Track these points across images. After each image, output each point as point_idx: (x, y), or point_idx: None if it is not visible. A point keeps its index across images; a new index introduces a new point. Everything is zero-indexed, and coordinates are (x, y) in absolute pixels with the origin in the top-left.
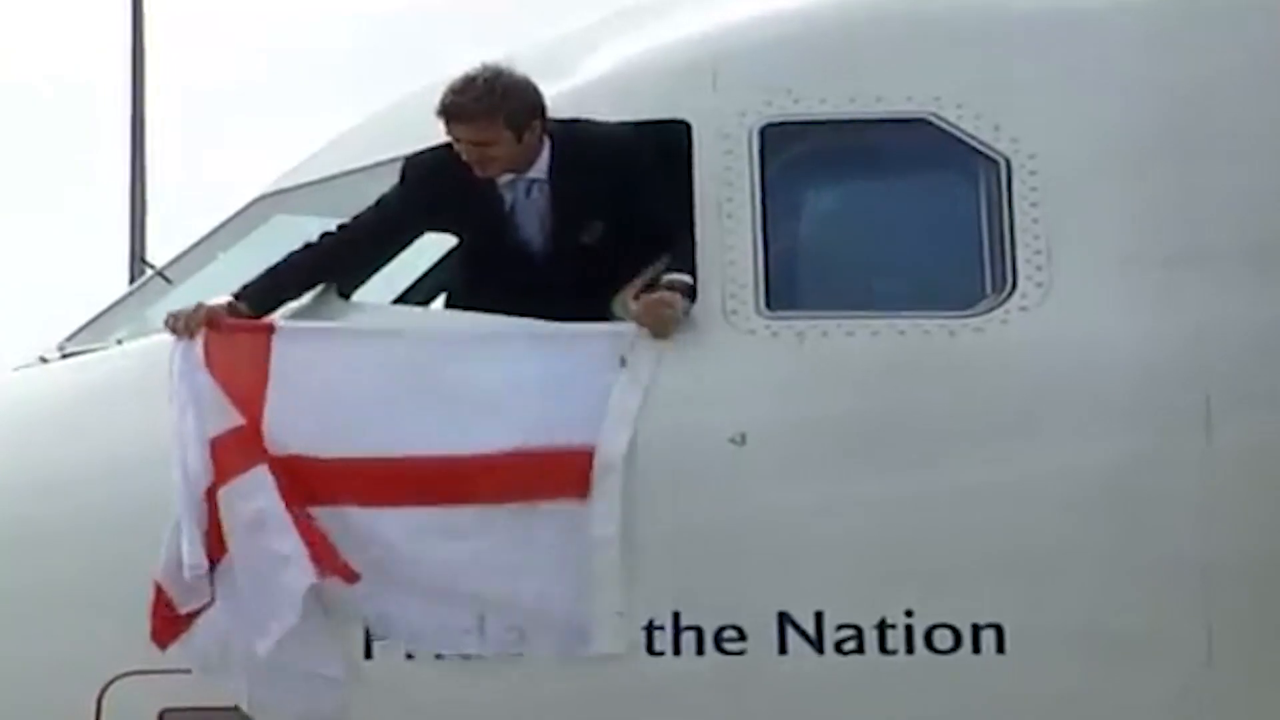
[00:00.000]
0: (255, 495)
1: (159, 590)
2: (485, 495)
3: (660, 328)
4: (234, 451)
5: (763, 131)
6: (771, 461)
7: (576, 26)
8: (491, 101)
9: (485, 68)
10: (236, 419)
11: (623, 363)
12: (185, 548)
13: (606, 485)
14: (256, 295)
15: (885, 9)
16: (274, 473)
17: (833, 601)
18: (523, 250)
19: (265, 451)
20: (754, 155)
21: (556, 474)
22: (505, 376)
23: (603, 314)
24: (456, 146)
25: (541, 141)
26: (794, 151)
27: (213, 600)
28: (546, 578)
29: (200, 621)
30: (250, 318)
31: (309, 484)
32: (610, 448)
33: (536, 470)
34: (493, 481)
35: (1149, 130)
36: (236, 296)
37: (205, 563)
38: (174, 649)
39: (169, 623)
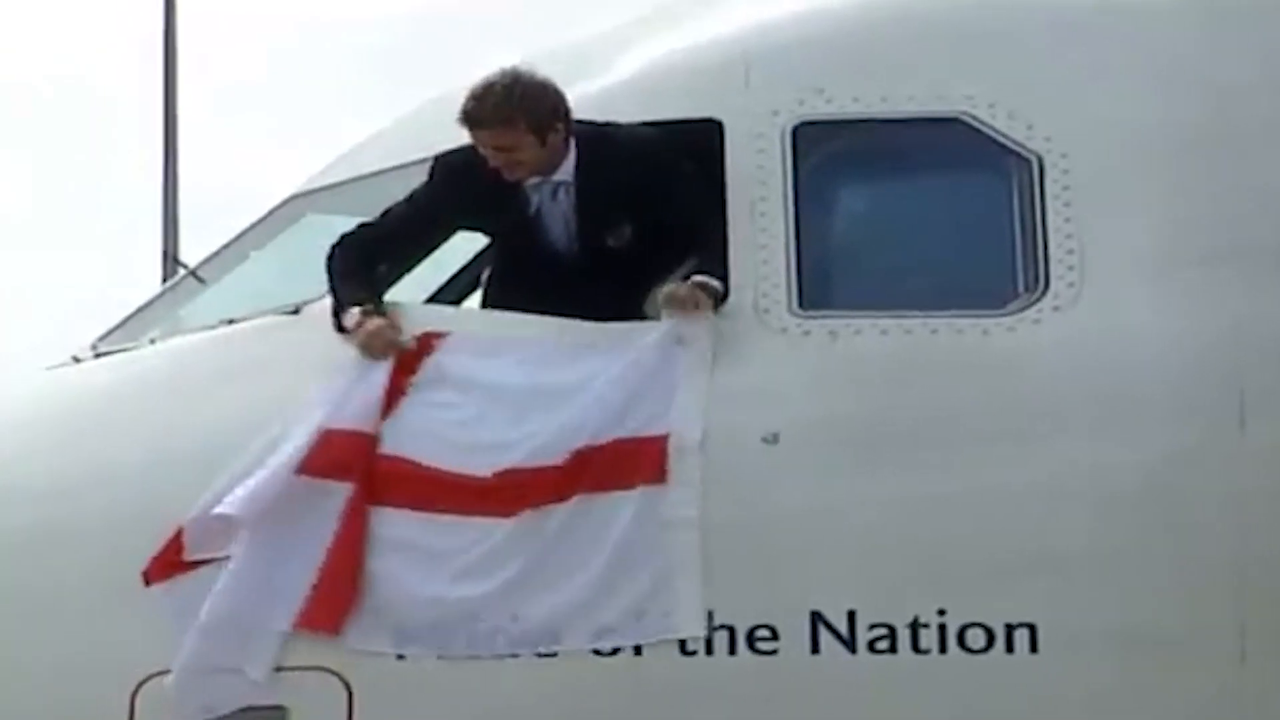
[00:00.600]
0: (318, 506)
1: (177, 533)
2: (561, 493)
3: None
4: (335, 453)
5: (795, 131)
6: (804, 460)
7: (607, 26)
8: (511, 107)
9: (504, 73)
10: (361, 425)
11: (679, 340)
12: (238, 492)
13: (684, 468)
14: (367, 291)
15: (917, 8)
16: (354, 495)
17: (865, 600)
18: (550, 253)
19: (361, 471)
20: (787, 154)
21: (632, 462)
22: (570, 375)
23: (631, 317)
24: (482, 151)
25: (567, 144)
26: (826, 151)
27: (223, 560)
28: (626, 566)
29: (199, 572)
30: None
31: (408, 489)
32: (685, 430)
33: (612, 461)
34: (569, 479)
35: (1183, 128)
36: (351, 304)
37: (243, 514)
38: (157, 589)
39: (167, 565)
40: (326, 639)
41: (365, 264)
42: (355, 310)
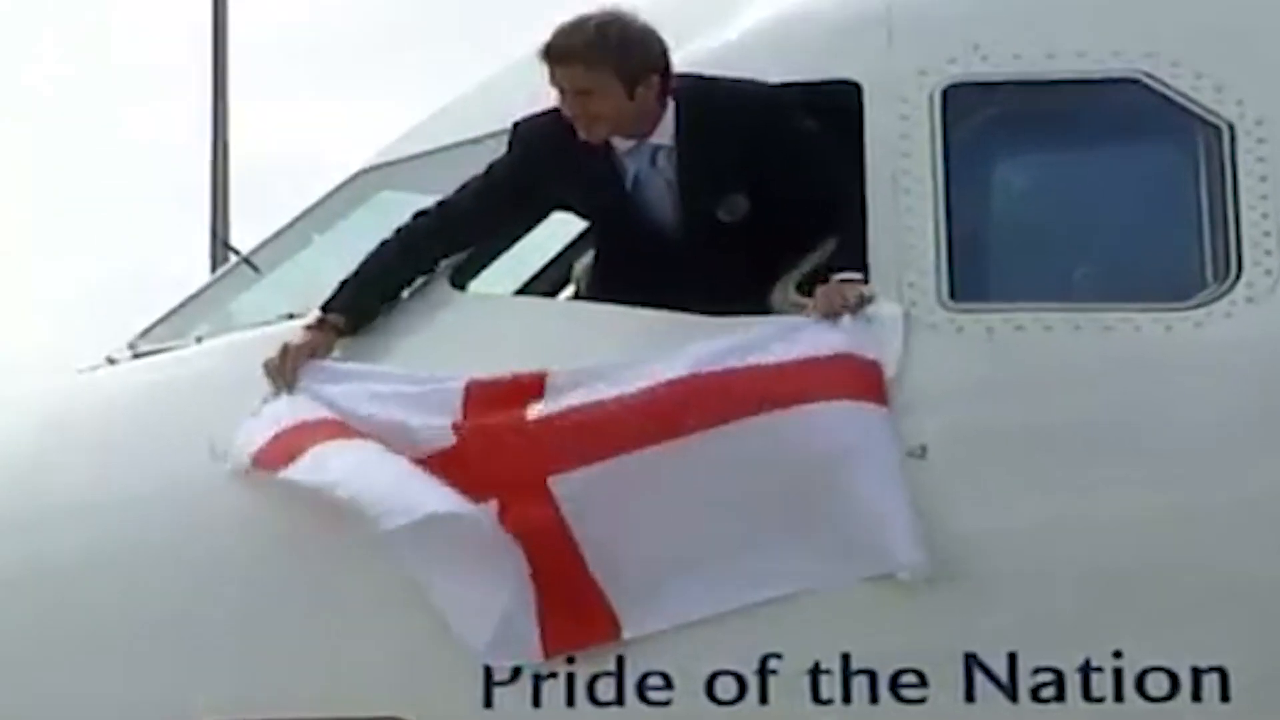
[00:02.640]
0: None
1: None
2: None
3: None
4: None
5: (945, 94)
6: (956, 478)
7: None
8: (602, 46)
9: (602, 11)
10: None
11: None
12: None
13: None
14: (349, 305)
15: None
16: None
17: (1029, 641)
18: (652, 230)
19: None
20: (935, 121)
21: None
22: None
23: (745, 307)
24: (559, 102)
25: (664, 103)
26: (982, 117)
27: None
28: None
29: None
30: (339, 332)
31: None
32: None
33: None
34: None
35: None
36: (325, 309)
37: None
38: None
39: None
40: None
41: (409, 259)
42: (313, 315)
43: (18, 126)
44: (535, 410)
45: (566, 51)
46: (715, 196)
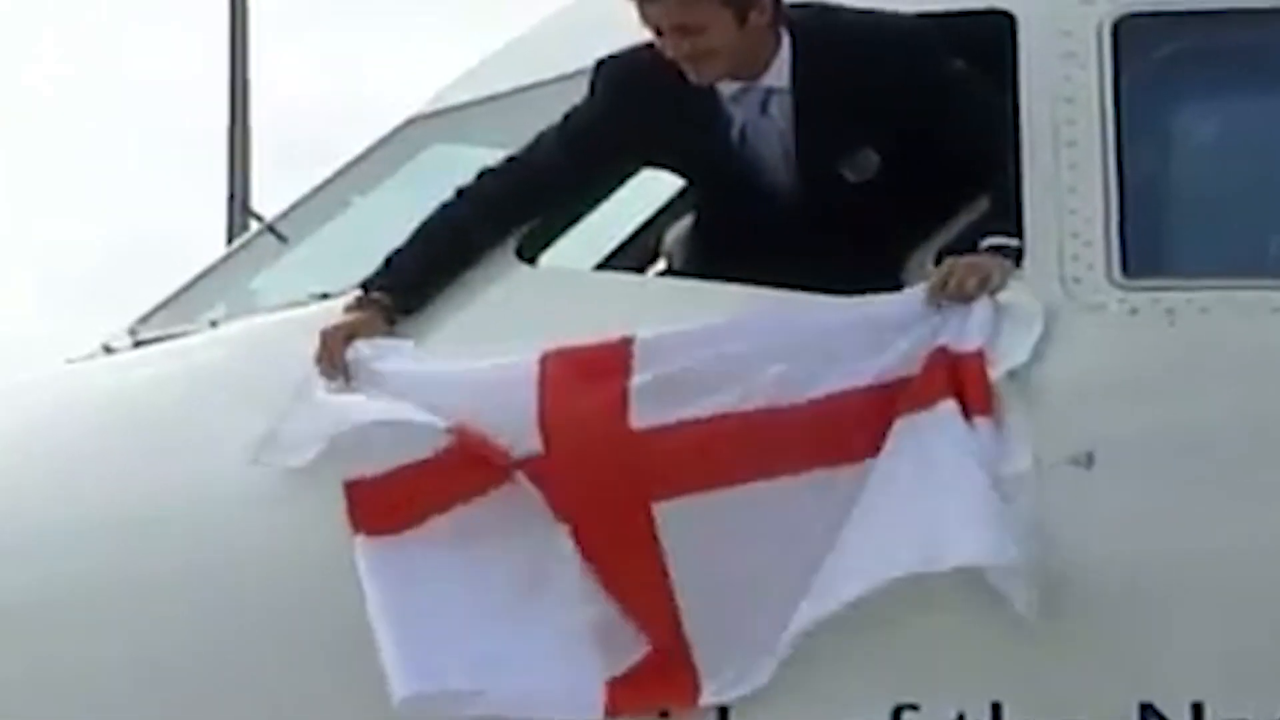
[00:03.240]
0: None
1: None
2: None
3: None
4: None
5: (1117, 26)
6: (1129, 491)
7: None
8: None
9: None
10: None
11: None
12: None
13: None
14: (400, 283)
15: None
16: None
17: (1217, 690)
18: (761, 190)
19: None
20: (1105, 60)
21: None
22: None
23: (876, 283)
24: (658, 43)
25: (777, 35)
26: (1162, 55)
27: None
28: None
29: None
30: (387, 314)
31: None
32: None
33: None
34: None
35: None
36: (366, 288)
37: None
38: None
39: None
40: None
41: (475, 228)
42: (352, 295)
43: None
44: (636, 411)
45: None
46: (840, 150)
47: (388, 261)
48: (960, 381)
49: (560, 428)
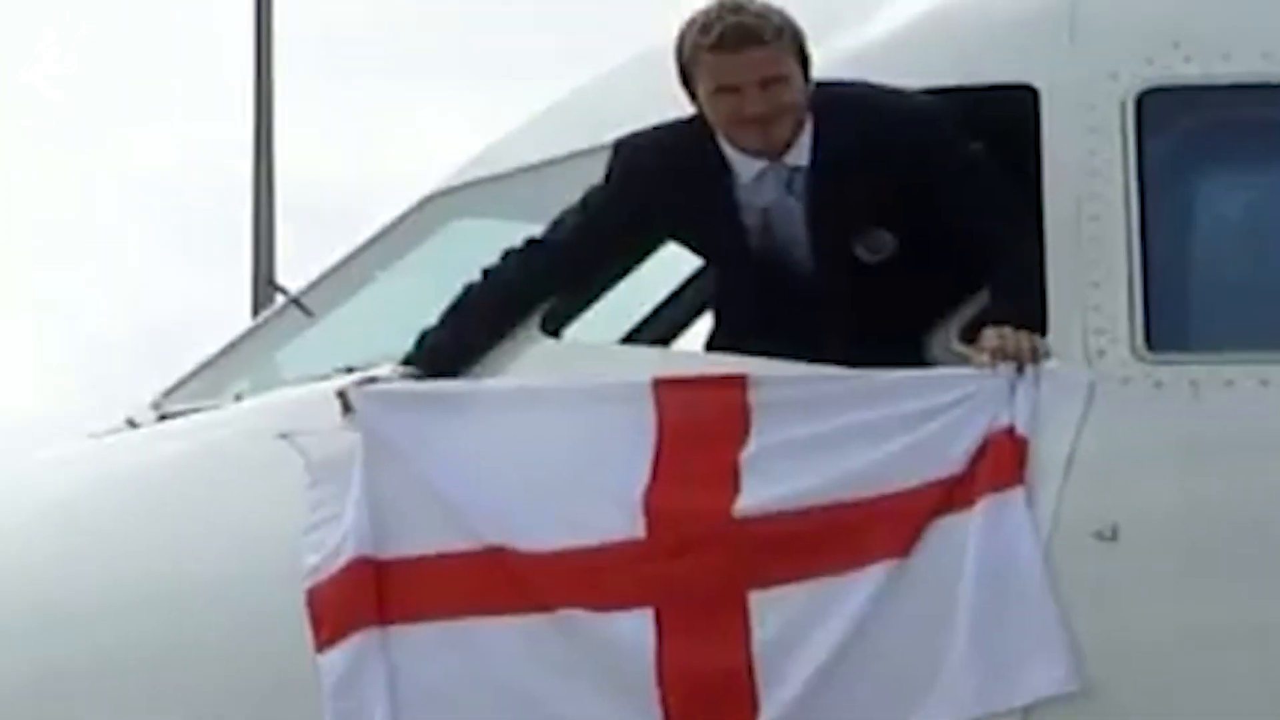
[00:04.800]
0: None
1: None
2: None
3: None
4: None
5: (1140, 100)
6: (1154, 566)
7: None
8: (782, 23)
9: None
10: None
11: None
12: None
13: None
14: (435, 360)
15: None
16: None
17: None
18: (785, 268)
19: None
20: (1129, 133)
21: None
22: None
23: (899, 358)
24: (717, 108)
25: (805, 112)
26: (1185, 128)
27: None
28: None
29: None
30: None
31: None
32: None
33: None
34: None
35: None
36: (407, 363)
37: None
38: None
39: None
40: None
41: (504, 307)
42: (390, 368)
43: (21, 132)
44: (745, 492)
45: (752, 29)
46: (855, 230)
47: (423, 338)
48: (1017, 465)
49: (665, 515)
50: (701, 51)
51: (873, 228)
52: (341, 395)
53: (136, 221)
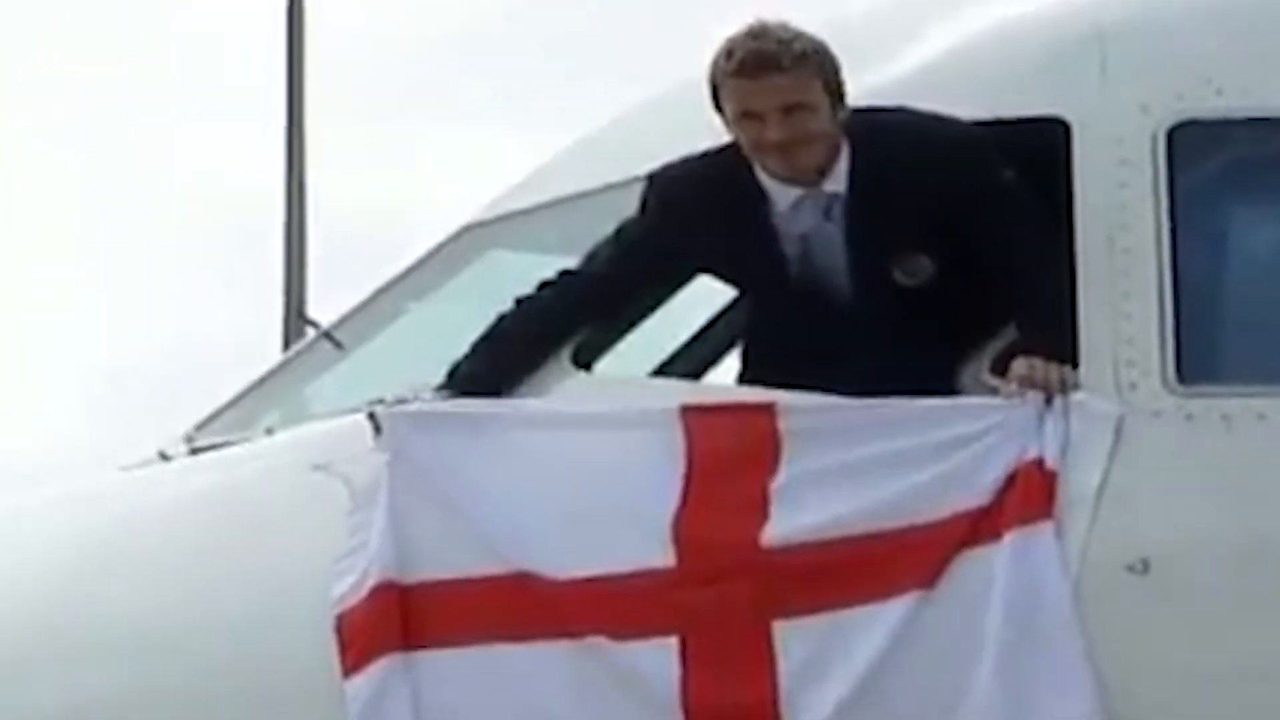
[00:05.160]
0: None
1: None
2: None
3: None
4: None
5: (1172, 134)
6: (1186, 599)
7: None
8: (806, 50)
9: (772, 21)
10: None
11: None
12: None
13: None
14: (465, 385)
15: None
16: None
17: None
18: (823, 294)
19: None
20: (1160, 167)
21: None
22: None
23: (935, 386)
24: (740, 134)
25: (840, 139)
26: (1217, 162)
27: None
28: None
29: None
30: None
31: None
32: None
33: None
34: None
35: None
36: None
37: None
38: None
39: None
40: None
41: (537, 340)
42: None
43: (53, 162)
44: (774, 521)
45: (773, 57)
46: (893, 256)
47: (453, 372)
48: (1046, 498)
49: (695, 543)
50: (725, 76)
51: (912, 252)
52: (372, 417)
53: (169, 253)
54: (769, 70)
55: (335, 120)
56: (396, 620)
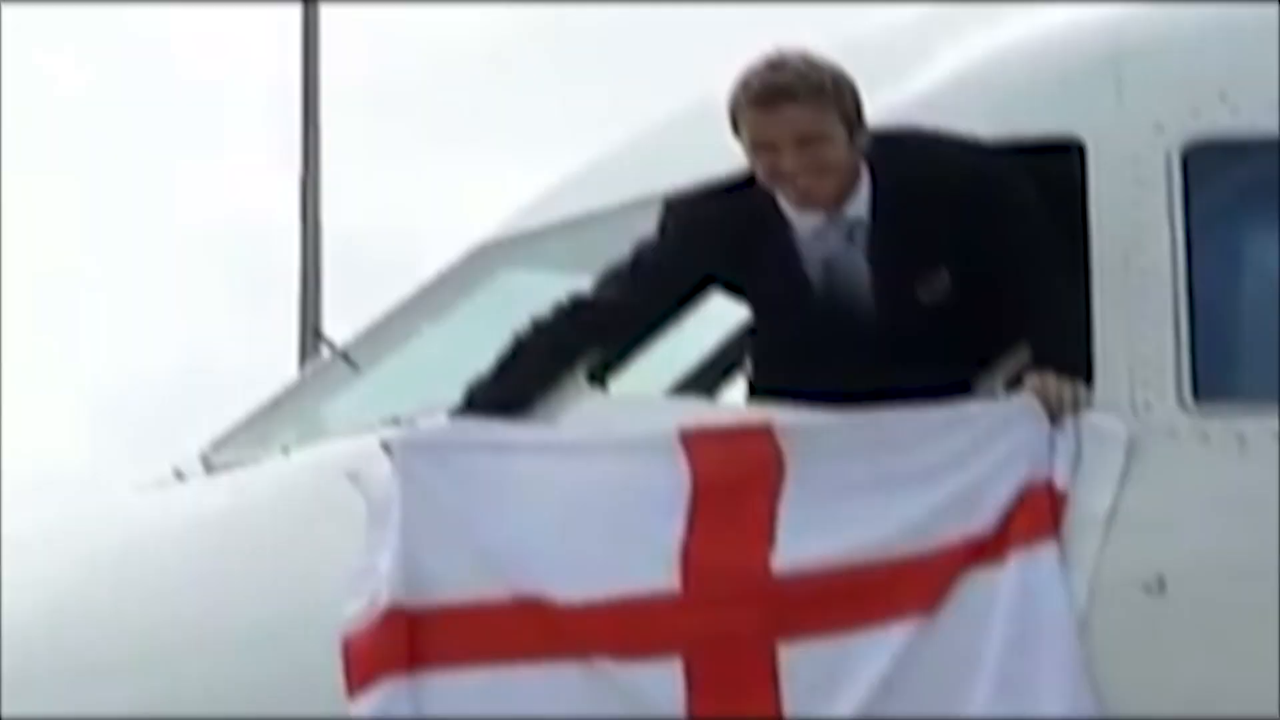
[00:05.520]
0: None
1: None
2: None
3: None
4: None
5: (1187, 154)
6: (1203, 619)
7: (905, 16)
8: (824, 80)
9: (791, 50)
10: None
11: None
12: None
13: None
14: (480, 406)
15: None
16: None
17: None
18: (847, 318)
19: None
20: (1175, 186)
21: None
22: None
23: (953, 395)
24: (756, 163)
25: (860, 164)
26: (1232, 182)
27: None
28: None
29: None
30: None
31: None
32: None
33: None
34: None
35: None
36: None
37: None
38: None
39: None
40: None
41: (550, 360)
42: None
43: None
44: (781, 547)
45: (788, 88)
46: (915, 274)
47: (469, 392)
48: (1052, 519)
49: (702, 568)
50: (742, 107)
51: (934, 271)
52: (385, 444)
53: (184, 272)
54: (784, 101)
55: (350, 139)
56: (403, 642)
